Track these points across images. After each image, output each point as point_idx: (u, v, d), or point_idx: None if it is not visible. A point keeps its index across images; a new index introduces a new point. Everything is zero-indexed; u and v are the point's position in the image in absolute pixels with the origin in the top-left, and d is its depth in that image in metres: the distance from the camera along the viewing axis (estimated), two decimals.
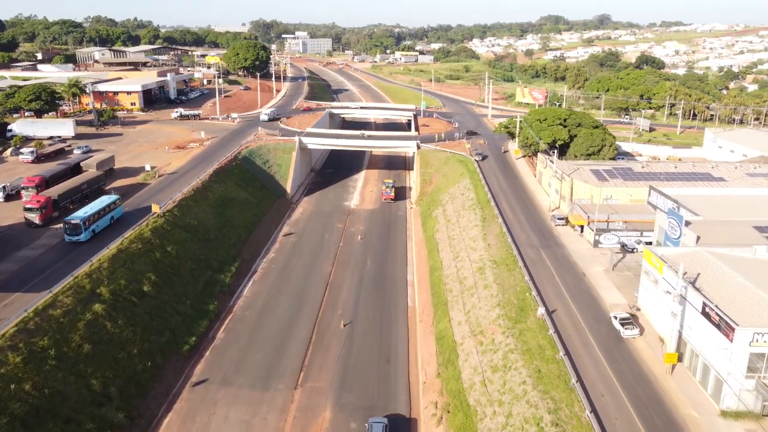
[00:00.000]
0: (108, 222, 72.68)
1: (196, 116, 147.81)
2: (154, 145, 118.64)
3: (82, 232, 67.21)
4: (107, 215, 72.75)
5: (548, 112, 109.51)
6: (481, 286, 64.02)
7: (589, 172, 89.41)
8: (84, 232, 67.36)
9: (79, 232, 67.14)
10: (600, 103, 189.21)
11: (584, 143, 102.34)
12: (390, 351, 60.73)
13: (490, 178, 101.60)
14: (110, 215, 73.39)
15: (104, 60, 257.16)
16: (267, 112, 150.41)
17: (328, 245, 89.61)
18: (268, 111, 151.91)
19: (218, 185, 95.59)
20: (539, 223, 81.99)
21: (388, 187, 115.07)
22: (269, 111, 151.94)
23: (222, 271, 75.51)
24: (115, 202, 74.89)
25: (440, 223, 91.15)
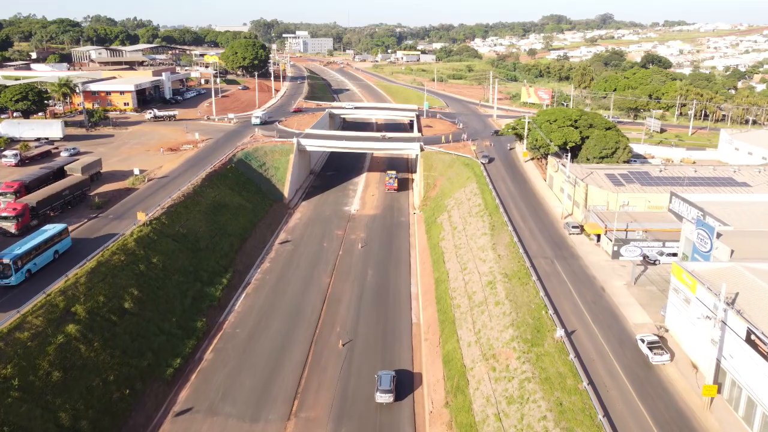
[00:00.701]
0: (51, 258, 59.70)
1: (172, 117, 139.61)
2: (146, 147, 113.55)
3: (12, 274, 53.76)
4: (50, 250, 59.56)
5: (558, 113, 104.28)
6: (492, 303, 58.81)
7: (604, 177, 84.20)
8: (15, 274, 53.97)
9: (8, 274, 53.75)
10: (608, 103, 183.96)
11: (597, 146, 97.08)
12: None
13: (497, 182, 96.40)
14: (54, 249, 60.24)
15: (100, 59, 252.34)
16: (259, 114, 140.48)
17: (327, 254, 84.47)
18: (260, 113, 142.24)
19: (211, 190, 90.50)
20: (552, 231, 76.78)
21: (391, 177, 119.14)
22: (262, 113, 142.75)
23: (212, 283, 70.38)
24: (60, 233, 61.77)
25: (446, 230, 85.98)
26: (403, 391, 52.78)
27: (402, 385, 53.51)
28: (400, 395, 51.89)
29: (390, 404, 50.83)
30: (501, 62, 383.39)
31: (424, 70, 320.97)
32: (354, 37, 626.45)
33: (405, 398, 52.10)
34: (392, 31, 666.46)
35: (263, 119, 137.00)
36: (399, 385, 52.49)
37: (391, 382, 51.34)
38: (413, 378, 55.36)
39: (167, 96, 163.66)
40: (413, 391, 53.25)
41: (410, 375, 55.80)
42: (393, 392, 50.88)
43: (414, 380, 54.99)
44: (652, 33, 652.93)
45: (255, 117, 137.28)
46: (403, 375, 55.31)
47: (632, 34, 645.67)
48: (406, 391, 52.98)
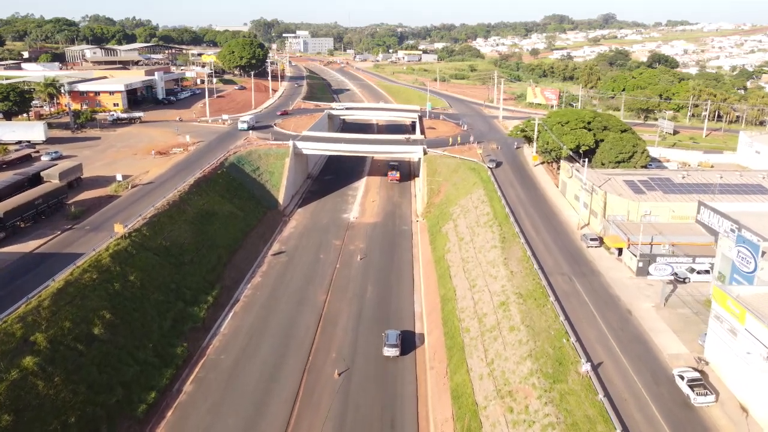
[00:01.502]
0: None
1: (136, 120, 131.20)
2: (133, 151, 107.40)
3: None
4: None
5: (570, 114, 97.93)
6: (506, 328, 52.50)
7: (623, 184, 77.89)
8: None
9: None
10: (617, 104, 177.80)
11: (613, 149, 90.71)
12: (395, 411, 49.22)
13: (506, 189, 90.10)
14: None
15: (94, 59, 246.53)
16: (246, 119, 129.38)
17: (323, 267, 78.19)
18: (247, 118, 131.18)
19: (199, 197, 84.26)
20: (568, 244, 70.45)
21: (394, 168, 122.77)
22: (249, 118, 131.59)
23: (196, 302, 64.11)
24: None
25: (451, 241, 79.68)
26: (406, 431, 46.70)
27: (404, 422, 47.32)
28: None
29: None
30: (504, 62, 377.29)
31: (425, 70, 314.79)
32: (355, 36, 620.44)
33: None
34: (393, 31, 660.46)
35: (251, 124, 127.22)
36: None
37: (397, 338, 57.24)
38: (418, 414, 49.07)
39: (160, 96, 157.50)
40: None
41: (414, 409, 49.53)
42: (399, 347, 56.53)
43: (419, 417, 48.71)
44: (655, 33, 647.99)
45: (241, 122, 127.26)
46: (407, 410, 49.09)
47: (635, 33, 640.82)
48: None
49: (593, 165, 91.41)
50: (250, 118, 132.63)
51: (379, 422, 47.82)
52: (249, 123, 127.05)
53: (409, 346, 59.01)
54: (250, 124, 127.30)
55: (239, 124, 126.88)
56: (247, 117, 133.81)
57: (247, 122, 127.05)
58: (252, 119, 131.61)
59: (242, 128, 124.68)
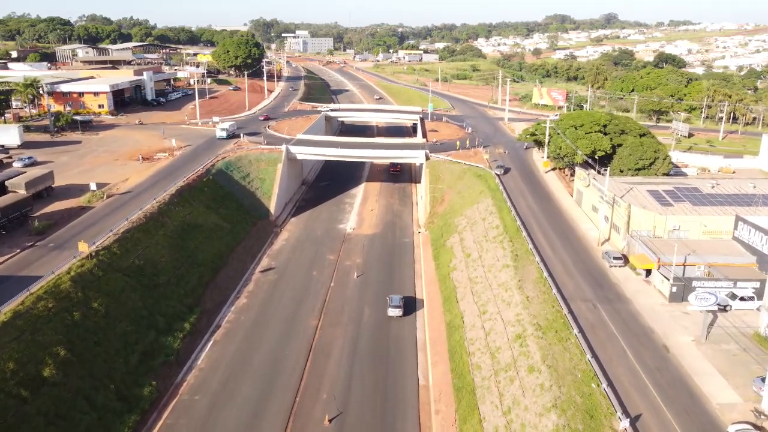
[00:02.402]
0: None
1: (86, 124, 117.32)
2: (115, 156, 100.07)
3: None
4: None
5: (585, 117, 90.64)
6: (524, 367, 45.18)
7: (646, 194, 70.57)
8: None
9: None
10: (626, 105, 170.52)
11: (632, 155, 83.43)
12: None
13: (516, 198, 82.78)
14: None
15: (86, 58, 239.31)
16: (225, 126, 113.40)
17: (316, 287, 70.86)
18: (227, 125, 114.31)
19: (181, 208, 76.99)
20: (588, 262, 63.11)
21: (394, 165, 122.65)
22: (229, 125, 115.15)
23: (171, 330, 56.81)
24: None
25: (457, 257, 72.39)
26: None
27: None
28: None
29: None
30: (506, 62, 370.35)
31: (427, 70, 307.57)
32: (355, 36, 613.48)
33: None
34: (394, 31, 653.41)
35: (230, 132, 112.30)
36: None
37: (400, 300, 62.54)
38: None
39: (149, 97, 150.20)
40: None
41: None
42: (402, 307, 61.99)
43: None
44: (658, 33, 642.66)
45: (220, 129, 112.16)
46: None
47: (638, 33, 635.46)
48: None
49: (611, 172, 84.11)
50: (230, 124, 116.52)
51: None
52: (228, 130, 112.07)
53: (411, 383, 51.78)
54: (230, 131, 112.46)
55: (217, 131, 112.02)
56: (226, 123, 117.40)
57: (227, 129, 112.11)
58: (232, 125, 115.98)
59: (221, 136, 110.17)
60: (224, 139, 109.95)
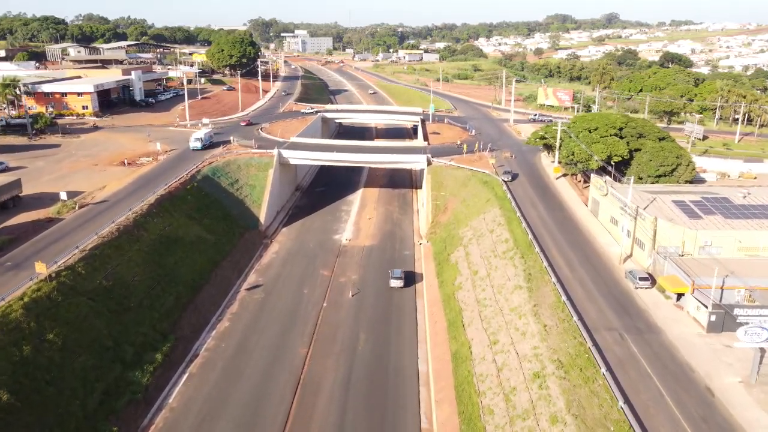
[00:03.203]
0: None
1: (21, 128, 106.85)
2: (94, 161, 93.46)
3: None
4: None
5: (599, 119, 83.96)
6: (545, 416, 38.51)
7: (672, 205, 63.87)
8: None
9: None
10: (634, 105, 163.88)
11: (653, 161, 76.78)
12: None
13: (526, 208, 76.08)
14: None
15: (77, 57, 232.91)
16: (200, 135, 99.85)
17: (307, 307, 64.17)
18: (202, 134, 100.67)
19: (160, 219, 70.27)
20: (610, 283, 56.40)
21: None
22: (204, 134, 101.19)
23: (140, 362, 50.14)
24: None
25: (463, 274, 65.70)
26: None
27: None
28: None
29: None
30: (508, 61, 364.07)
31: (427, 70, 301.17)
32: (355, 36, 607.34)
33: None
34: (394, 30, 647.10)
35: (205, 142, 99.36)
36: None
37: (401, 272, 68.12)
38: None
39: (137, 98, 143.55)
40: None
41: None
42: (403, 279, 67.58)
43: None
44: (660, 32, 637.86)
45: (194, 139, 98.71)
46: None
47: (639, 33, 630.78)
48: None
49: (620, 179, 77.57)
50: (206, 132, 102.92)
51: None
52: (203, 140, 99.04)
53: (413, 426, 45.10)
54: (205, 141, 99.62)
55: (191, 141, 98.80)
56: (201, 131, 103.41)
57: (201, 139, 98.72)
58: (208, 134, 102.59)
59: (195, 147, 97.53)
60: (199, 150, 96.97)
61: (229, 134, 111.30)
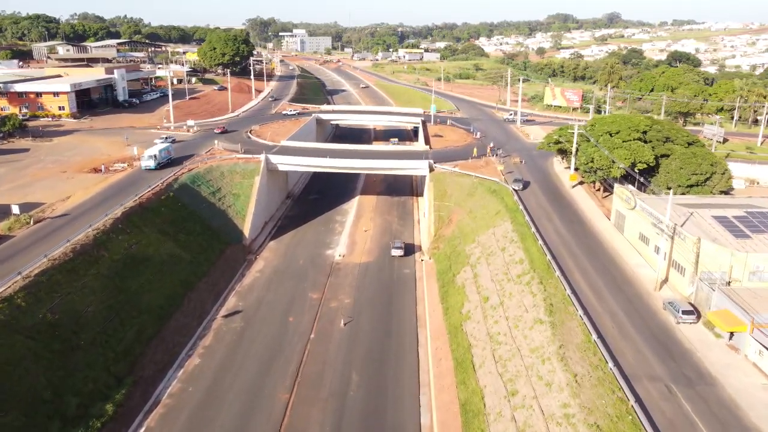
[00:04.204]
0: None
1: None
2: (63, 167, 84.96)
3: None
4: None
5: (621, 122, 75.48)
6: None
7: (714, 222, 55.34)
8: None
9: None
10: (645, 106, 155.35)
11: (684, 168, 68.35)
12: None
13: (541, 222, 67.56)
14: None
15: (66, 56, 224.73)
16: (154, 152, 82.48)
17: (291, 340, 55.67)
18: (156, 150, 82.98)
19: (126, 236, 61.76)
20: (645, 316, 47.87)
21: (394, 137, 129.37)
22: (158, 150, 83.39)
23: (85, 417, 41.63)
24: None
25: (471, 301, 57.20)
26: None
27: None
28: None
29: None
30: (510, 61, 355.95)
31: (428, 69, 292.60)
32: (354, 35, 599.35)
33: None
34: (394, 30, 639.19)
35: (162, 159, 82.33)
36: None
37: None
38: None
39: (120, 98, 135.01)
40: None
41: None
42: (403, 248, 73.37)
43: None
44: (662, 32, 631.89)
45: (147, 157, 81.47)
46: None
47: (642, 33, 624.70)
48: None
49: (657, 189, 69.15)
50: (162, 149, 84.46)
51: None
52: (158, 157, 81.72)
53: None
54: (162, 158, 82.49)
55: (144, 159, 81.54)
56: (155, 148, 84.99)
57: (155, 156, 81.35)
58: (164, 150, 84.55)
59: (147, 167, 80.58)
60: (153, 170, 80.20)
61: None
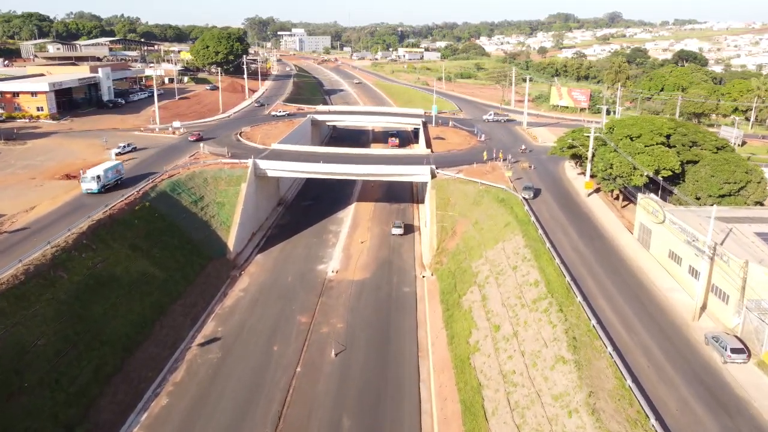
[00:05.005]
0: None
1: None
2: (33, 173, 78.18)
3: None
4: None
5: (643, 124, 68.54)
6: None
7: (758, 241, 48.43)
8: None
9: None
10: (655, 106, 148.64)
11: (716, 177, 61.49)
12: None
13: (556, 236, 60.67)
14: None
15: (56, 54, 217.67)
16: (98, 172, 68.24)
17: (275, 375, 48.75)
18: (100, 170, 68.88)
19: (91, 253, 54.86)
20: (685, 353, 40.96)
21: (393, 136, 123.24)
22: (103, 169, 69.18)
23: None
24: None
25: (480, 329, 50.32)
26: None
27: None
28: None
29: None
30: (512, 60, 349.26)
31: (428, 69, 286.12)
32: (354, 35, 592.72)
33: None
34: (394, 30, 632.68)
35: (107, 180, 68.70)
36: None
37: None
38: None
39: (105, 98, 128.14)
40: None
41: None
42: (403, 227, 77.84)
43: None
44: (664, 31, 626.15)
45: (89, 178, 67.46)
46: None
47: (644, 32, 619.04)
48: None
49: (684, 198, 62.27)
50: (106, 168, 69.72)
51: None
52: (103, 178, 67.95)
53: None
54: (107, 179, 68.84)
55: (84, 180, 67.71)
56: (100, 168, 69.80)
57: (98, 177, 67.48)
58: (111, 169, 70.29)
59: (89, 190, 67.35)
60: (95, 193, 67.05)
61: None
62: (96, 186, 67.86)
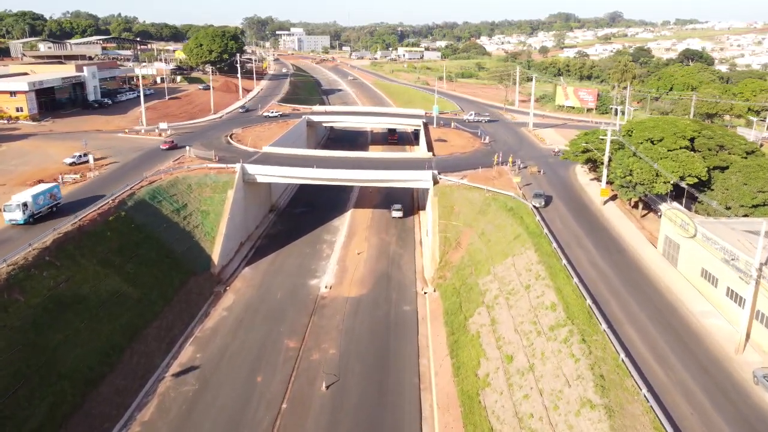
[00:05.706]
0: None
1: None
2: (4, 179, 72.25)
3: None
4: None
5: (665, 127, 62.78)
6: None
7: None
8: None
9: None
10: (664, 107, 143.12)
11: (748, 185, 55.71)
12: None
13: (572, 250, 54.88)
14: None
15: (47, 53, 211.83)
16: (24, 198, 55.68)
17: (257, 413, 42.89)
18: (28, 195, 56.29)
19: (54, 271, 49.03)
20: (731, 393, 35.21)
21: (392, 132, 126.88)
22: (31, 195, 56.48)
23: None
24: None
25: (490, 358, 44.51)
26: None
27: None
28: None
29: None
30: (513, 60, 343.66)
31: (429, 68, 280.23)
32: (353, 34, 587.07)
33: None
34: (394, 29, 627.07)
35: (36, 208, 56.28)
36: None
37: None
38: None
39: (91, 98, 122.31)
40: None
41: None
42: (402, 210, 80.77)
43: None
44: (666, 31, 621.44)
45: (13, 205, 55.01)
46: None
47: (645, 32, 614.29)
48: None
49: (714, 207, 56.49)
50: (37, 193, 57.12)
51: None
52: (30, 205, 55.53)
53: None
54: (37, 206, 56.38)
55: (6, 209, 55.23)
56: (27, 193, 57.11)
57: (26, 204, 55.16)
58: (42, 195, 57.56)
59: (13, 220, 54.93)
60: (21, 225, 54.97)
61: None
62: (21, 216, 54.80)
